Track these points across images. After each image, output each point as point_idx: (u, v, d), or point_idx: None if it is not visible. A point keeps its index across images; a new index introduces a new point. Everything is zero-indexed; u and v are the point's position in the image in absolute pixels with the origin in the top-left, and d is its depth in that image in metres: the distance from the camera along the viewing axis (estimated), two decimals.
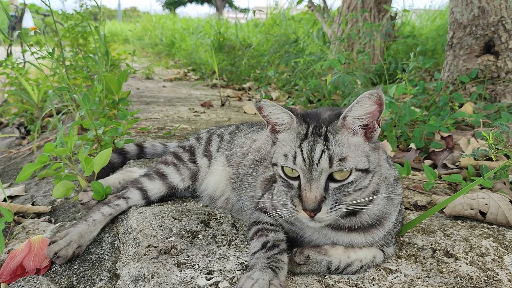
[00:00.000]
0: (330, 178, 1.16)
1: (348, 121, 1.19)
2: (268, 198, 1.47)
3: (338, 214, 1.19)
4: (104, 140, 2.33)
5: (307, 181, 1.16)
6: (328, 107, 1.40)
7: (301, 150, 1.17)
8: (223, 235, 1.55)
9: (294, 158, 1.18)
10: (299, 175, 1.18)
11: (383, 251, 1.38)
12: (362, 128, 1.20)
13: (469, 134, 2.78)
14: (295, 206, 1.18)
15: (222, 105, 4.57)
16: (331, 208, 1.15)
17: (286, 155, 1.20)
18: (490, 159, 2.04)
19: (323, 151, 1.15)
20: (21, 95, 3.66)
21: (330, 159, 1.14)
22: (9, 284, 1.40)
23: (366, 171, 1.18)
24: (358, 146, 1.19)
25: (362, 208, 1.26)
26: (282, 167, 1.22)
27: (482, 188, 2.03)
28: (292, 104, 4.11)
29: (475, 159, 2.27)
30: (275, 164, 1.25)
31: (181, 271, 1.28)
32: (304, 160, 1.16)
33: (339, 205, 1.17)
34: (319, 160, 1.14)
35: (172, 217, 1.66)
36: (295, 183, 1.20)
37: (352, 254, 1.31)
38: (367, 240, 1.33)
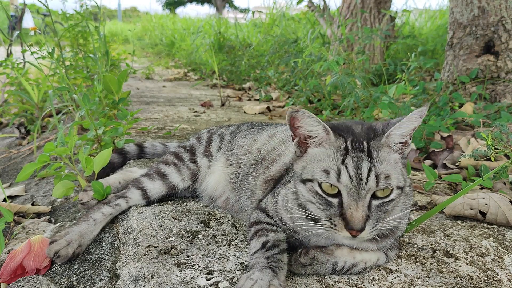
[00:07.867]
0: (373, 195, 1.14)
1: (392, 138, 1.16)
2: (272, 203, 1.45)
3: (377, 233, 1.18)
4: (104, 140, 2.33)
5: (353, 200, 1.11)
6: (352, 120, 1.38)
7: (346, 167, 1.12)
8: (223, 235, 1.55)
9: (338, 175, 1.13)
10: (338, 192, 1.14)
11: (386, 254, 1.38)
12: (401, 144, 1.18)
13: (469, 134, 2.77)
14: (335, 225, 1.14)
15: (222, 105, 4.57)
16: (373, 227, 1.13)
17: (327, 172, 1.14)
18: (490, 159, 2.04)
19: (370, 169, 1.11)
20: (21, 95, 3.66)
21: (377, 177, 1.11)
22: (9, 284, 1.40)
23: (402, 188, 1.16)
24: (397, 163, 1.17)
25: (394, 227, 1.23)
26: (320, 184, 1.16)
27: (482, 188, 2.03)
28: (292, 104, 4.12)
29: (475, 159, 2.27)
30: (309, 180, 1.19)
31: (181, 271, 1.28)
32: (350, 177, 1.11)
33: (379, 223, 1.15)
34: (367, 178, 1.11)
35: (172, 217, 1.66)
36: (335, 200, 1.15)
37: (358, 255, 1.31)
38: (377, 247, 1.34)
